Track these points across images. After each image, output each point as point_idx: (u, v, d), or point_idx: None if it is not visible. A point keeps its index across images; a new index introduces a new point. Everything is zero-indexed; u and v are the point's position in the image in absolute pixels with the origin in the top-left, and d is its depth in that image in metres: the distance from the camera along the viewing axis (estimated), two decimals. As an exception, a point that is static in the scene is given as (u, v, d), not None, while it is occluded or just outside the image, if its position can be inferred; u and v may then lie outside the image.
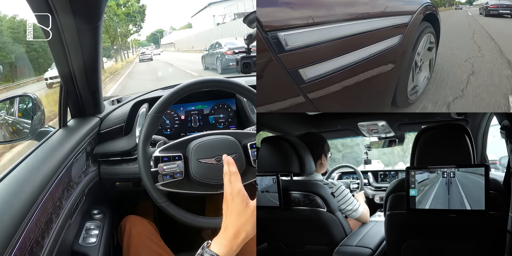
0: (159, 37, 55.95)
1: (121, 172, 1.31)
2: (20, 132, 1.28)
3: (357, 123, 1.77)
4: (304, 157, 1.26)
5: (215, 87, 1.11)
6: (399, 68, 1.20)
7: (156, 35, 57.83)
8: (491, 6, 3.75)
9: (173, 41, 38.42)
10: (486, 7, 3.81)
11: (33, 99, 1.25)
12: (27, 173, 0.94)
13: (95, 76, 1.27)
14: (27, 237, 0.79)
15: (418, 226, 0.99)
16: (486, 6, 3.82)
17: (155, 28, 73.00)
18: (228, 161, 0.81)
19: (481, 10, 3.94)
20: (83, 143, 1.21)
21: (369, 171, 2.25)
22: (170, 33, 51.01)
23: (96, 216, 1.28)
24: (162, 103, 1.06)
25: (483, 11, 3.87)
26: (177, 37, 37.23)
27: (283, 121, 1.72)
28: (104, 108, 1.46)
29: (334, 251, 1.20)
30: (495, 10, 3.73)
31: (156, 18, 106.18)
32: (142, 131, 1.04)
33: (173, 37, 44.45)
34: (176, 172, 1.05)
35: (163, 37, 54.11)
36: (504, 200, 0.88)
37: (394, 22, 1.11)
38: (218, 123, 1.58)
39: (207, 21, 28.93)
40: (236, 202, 0.76)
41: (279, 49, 0.74)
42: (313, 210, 1.21)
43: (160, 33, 58.23)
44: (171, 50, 42.53)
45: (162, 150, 1.06)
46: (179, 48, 34.37)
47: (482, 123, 1.43)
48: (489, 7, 3.76)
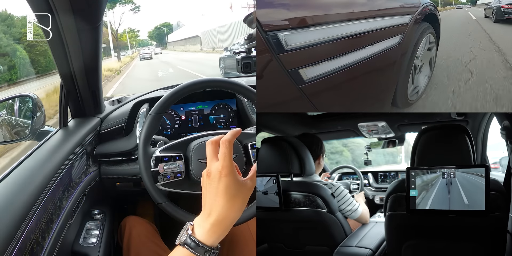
0: (165, 32, 47.40)
1: (122, 172, 1.32)
2: (21, 132, 1.28)
3: (357, 123, 1.77)
4: (305, 158, 1.26)
5: (216, 87, 1.11)
6: (399, 68, 1.20)
7: (162, 30, 48.60)
8: (506, 6, 2.54)
9: (198, 34, 30.75)
10: (498, 8, 2.59)
11: (34, 99, 1.25)
12: (28, 173, 0.94)
13: (95, 76, 1.27)
14: (28, 237, 0.79)
15: (418, 227, 0.99)
16: (497, 7, 2.60)
17: (161, 22, 61.26)
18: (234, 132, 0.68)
19: (489, 12, 2.74)
20: (84, 143, 1.21)
21: (369, 172, 2.25)
22: (181, 27, 42.46)
23: (97, 216, 1.29)
24: (162, 103, 1.06)
25: (492, 14, 2.67)
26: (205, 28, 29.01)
27: (283, 122, 1.72)
28: (104, 108, 1.46)
29: (334, 252, 1.20)
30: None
31: (161, 9, 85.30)
32: (143, 131, 1.04)
33: (185, 31, 37.25)
34: (177, 172, 1.04)
35: (171, 33, 45.65)
36: (504, 201, 0.88)
37: (394, 22, 1.11)
38: (219, 123, 1.58)
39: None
40: (227, 180, 0.63)
41: (279, 49, 0.74)
42: (313, 210, 1.21)
43: (168, 27, 48.97)
44: (179, 49, 36.16)
45: (163, 150, 1.06)
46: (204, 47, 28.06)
47: (482, 124, 1.42)
48: (503, 8, 2.55)
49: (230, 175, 0.63)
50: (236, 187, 0.64)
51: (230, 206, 0.63)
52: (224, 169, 0.63)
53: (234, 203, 0.63)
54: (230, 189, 0.63)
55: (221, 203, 0.63)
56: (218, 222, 0.63)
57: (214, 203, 0.63)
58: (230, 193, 0.63)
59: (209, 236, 0.63)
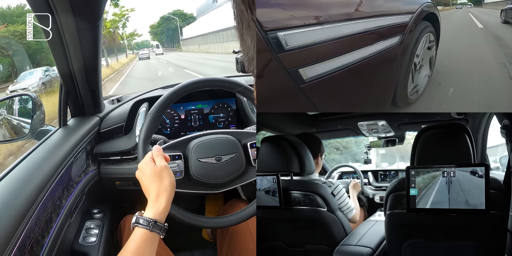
0: (178, 25, 33.84)
1: (121, 171, 1.32)
2: (20, 132, 1.28)
3: (357, 122, 1.77)
4: (305, 157, 1.26)
5: (215, 87, 1.11)
6: (399, 67, 1.20)
7: (172, 22, 34.39)
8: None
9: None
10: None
11: (33, 98, 1.25)
12: (27, 173, 0.94)
13: (95, 76, 1.27)
14: (27, 236, 0.79)
15: (418, 226, 0.99)
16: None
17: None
18: (158, 152, 0.93)
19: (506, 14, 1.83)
20: (83, 143, 1.21)
21: (369, 171, 2.25)
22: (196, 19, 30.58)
23: (96, 215, 1.29)
24: (162, 102, 1.06)
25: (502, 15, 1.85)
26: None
27: (283, 121, 1.72)
28: (104, 108, 1.46)
29: (335, 251, 1.20)
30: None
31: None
32: (142, 130, 1.04)
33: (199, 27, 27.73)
34: (176, 171, 1.05)
35: (188, 25, 32.21)
36: (505, 200, 0.88)
37: (394, 21, 1.11)
38: (218, 123, 1.58)
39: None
40: (146, 170, 0.87)
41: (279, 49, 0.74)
42: (314, 209, 1.21)
43: (183, 16, 34.88)
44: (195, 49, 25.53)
45: (162, 149, 1.06)
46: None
47: (482, 123, 1.43)
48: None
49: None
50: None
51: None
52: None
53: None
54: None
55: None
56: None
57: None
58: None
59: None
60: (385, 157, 2.49)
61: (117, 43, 28.27)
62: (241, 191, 1.49)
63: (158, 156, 0.91)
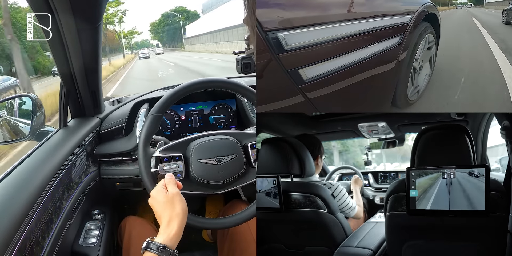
0: (181, 23, 30.71)
1: (121, 172, 1.32)
2: (21, 133, 1.28)
3: (357, 124, 1.76)
4: (305, 159, 1.26)
5: (215, 87, 1.11)
6: (399, 68, 1.20)
7: (175, 20, 30.99)
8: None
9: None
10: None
11: (33, 99, 1.25)
12: (28, 174, 0.94)
13: (95, 76, 1.27)
14: (27, 238, 0.79)
15: (418, 227, 0.98)
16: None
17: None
18: (170, 179, 0.95)
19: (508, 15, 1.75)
20: (84, 144, 1.21)
21: (370, 172, 2.25)
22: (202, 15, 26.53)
23: (96, 217, 1.29)
24: (162, 103, 1.06)
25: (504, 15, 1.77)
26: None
27: (283, 122, 1.72)
28: (104, 109, 1.46)
29: (335, 253, 1.20)
30: None
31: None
32: (143, 131, 1.04)
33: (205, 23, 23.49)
34: (176, 172, 1.04)
35: (192, 22, 29.12)
36: (505, 201, 0.88)
37: (394, 22, 1.11)
38: (219, 124, 1.58)
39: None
40: (158, 197, 0.89)
41: (279, 49, 0.74)
42: (314, 211, 1.21)
43: (185, 13, 31.28)
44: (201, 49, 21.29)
45: (162, 150, 1.06)
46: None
47: (482, 124, 1.42)
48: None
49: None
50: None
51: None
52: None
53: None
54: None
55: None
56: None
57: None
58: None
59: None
60: (383, 158, 2.49)
61: (111, 40, 26.22)
62: (241, 192, 1.49)
63: (170, 183, 0.93)
